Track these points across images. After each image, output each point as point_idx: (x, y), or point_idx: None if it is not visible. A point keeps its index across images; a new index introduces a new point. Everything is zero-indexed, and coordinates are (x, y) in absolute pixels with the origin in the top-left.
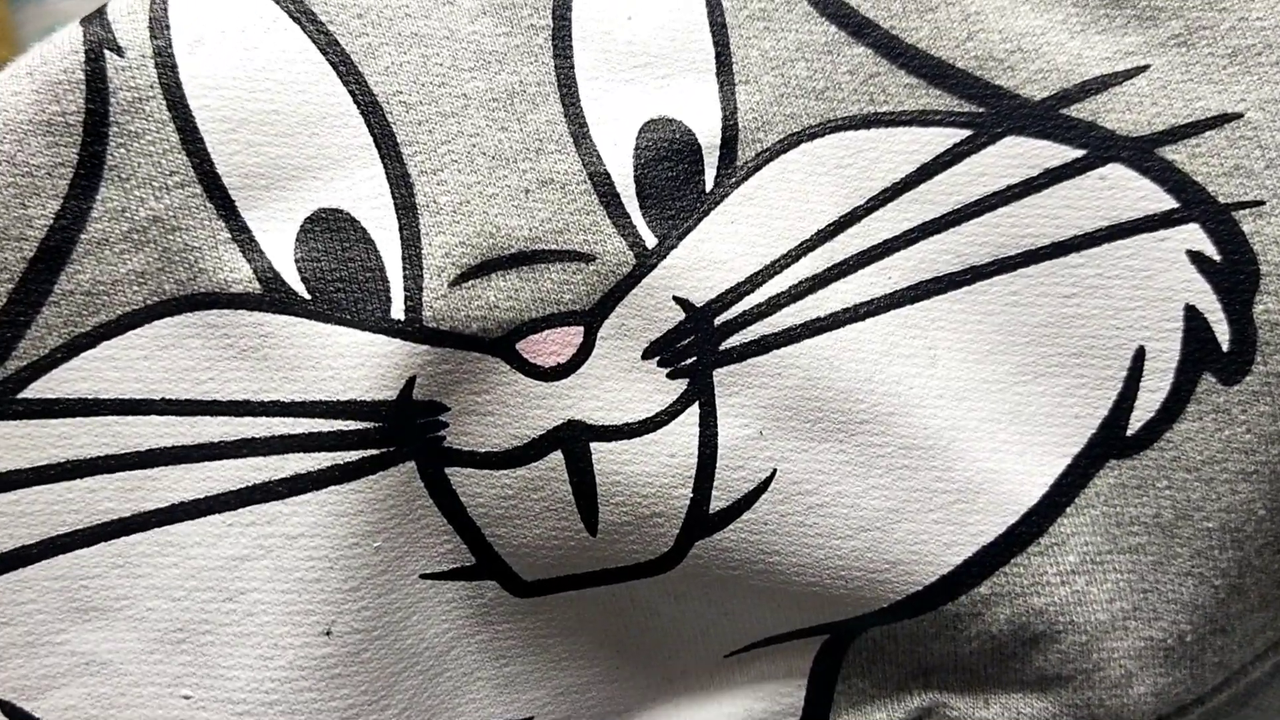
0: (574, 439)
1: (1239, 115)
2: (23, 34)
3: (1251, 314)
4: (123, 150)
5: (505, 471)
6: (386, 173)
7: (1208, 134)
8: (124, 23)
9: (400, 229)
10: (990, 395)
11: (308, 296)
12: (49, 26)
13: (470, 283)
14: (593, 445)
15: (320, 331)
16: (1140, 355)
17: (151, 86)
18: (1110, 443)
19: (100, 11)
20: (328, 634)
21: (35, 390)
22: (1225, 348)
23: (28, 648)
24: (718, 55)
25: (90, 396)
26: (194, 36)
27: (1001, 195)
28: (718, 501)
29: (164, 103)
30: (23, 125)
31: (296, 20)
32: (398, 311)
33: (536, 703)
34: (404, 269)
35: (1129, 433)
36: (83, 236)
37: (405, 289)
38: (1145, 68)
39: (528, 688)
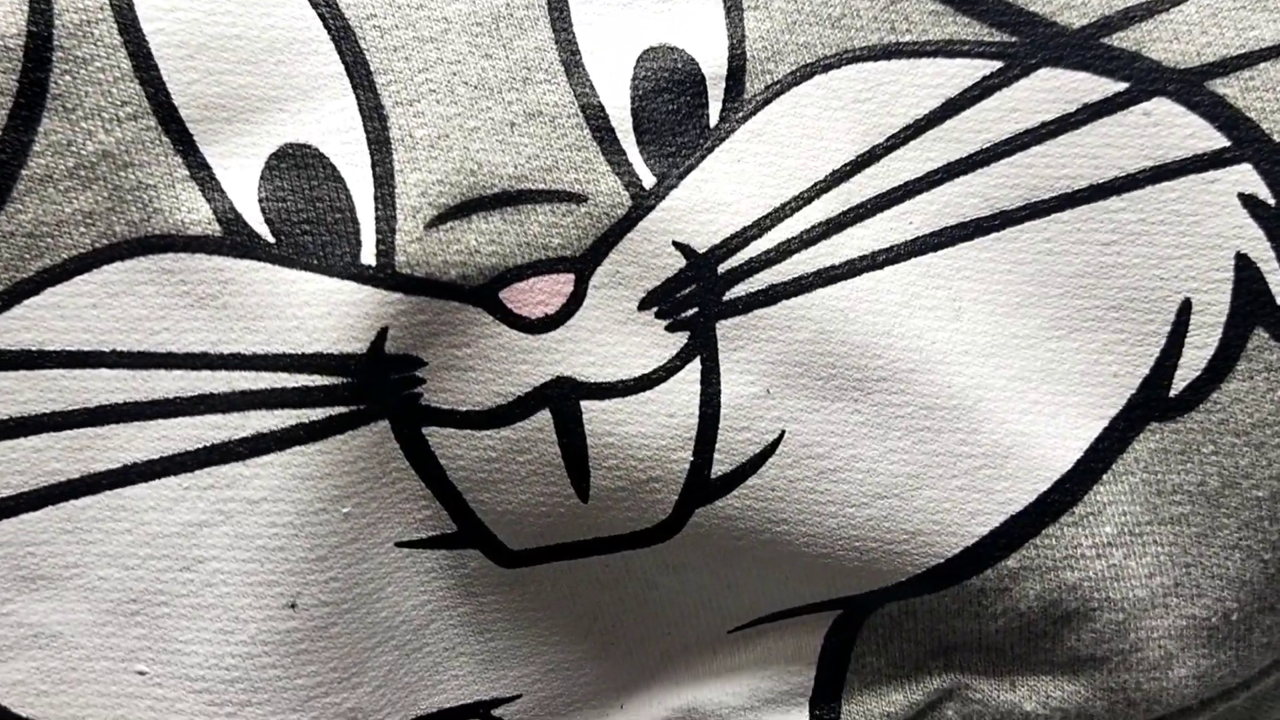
0: (563, 397)
1: None
2: None
3: None
4: (68, 78)
5: (488, 432)
6: (359, 104)
7: (1263, 65)
8: None
9: (373, 166)
10: (1020, 351)
11: (272, 240)
12: None
13: (449, 224)
14: (583, 404)
15: (285, 278)
16: (1186, 308)
17: (101, 8)
18: (1152, 404)
19: None
20: (293, 606)
21: None
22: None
23: None
24: None
25: (34, 348)
26: None
27: (1035, 133)
28: (720, 466)
29: (115, 25)
30: None
31: None
32: (369, 256)
33: (525, 680)
34: (376, 209)
35: (1172, 393)
36: (23, 173)
37: (378, 231)
38: None
39: (515, 664)
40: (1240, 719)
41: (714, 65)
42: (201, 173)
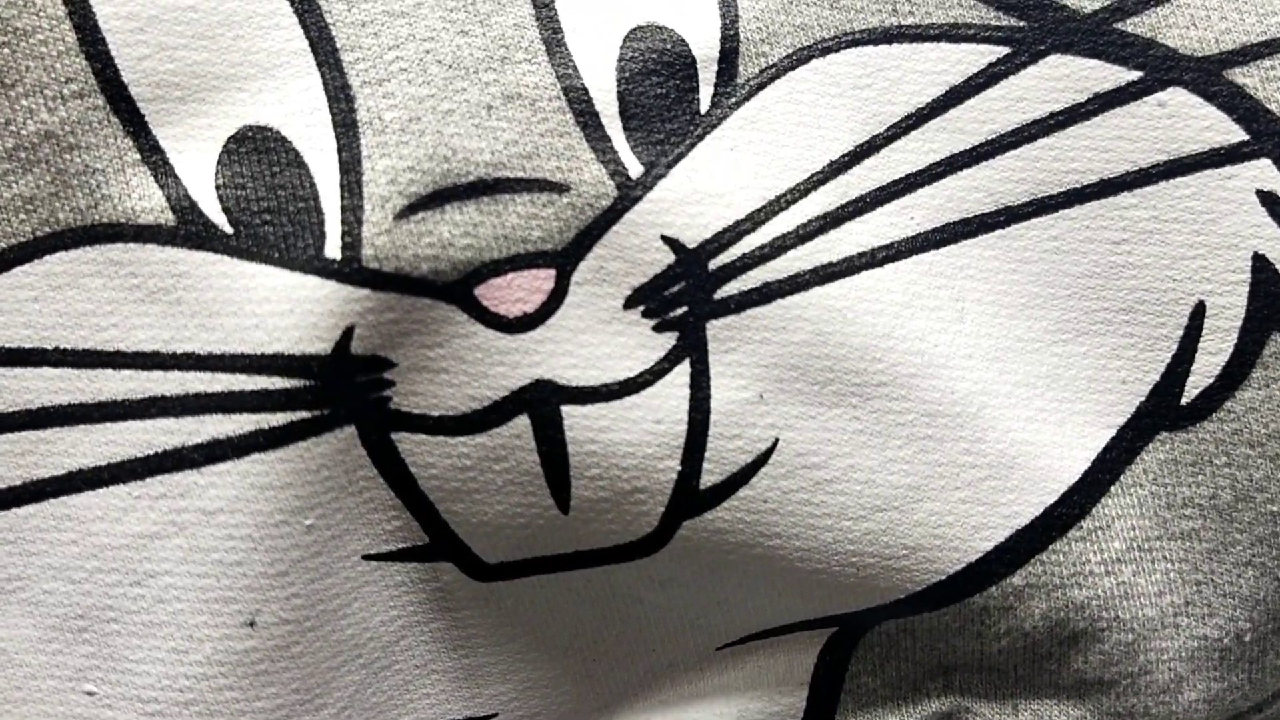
0: (543, 401)
1: None
2: None
3: None
4: (7, 50)
5: (463, 438)
6: (324, 83)
7: None
8: None
9: (339, 150)
10: (1026, 355)
11: (229, 230)
12: None
13: (420, 215)
14: (564, 409)
15: (243, 271)
16: (1200, 311)
17: None
18: (1162, 412)
19: None
20: (251, 625)
21: None
22: None
23: None
24: None
25: None
26: None
27: (1043, 124)
28: (710, 476)
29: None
30: None
31: None
32: (334, 249)
33: (501, 698)
34: (342, 198)
35: (1184, 401)
36: None
37: (343, 222)
38: None
39: (490, 682)
40: None
41: (705, 47)
42: (154, 156)
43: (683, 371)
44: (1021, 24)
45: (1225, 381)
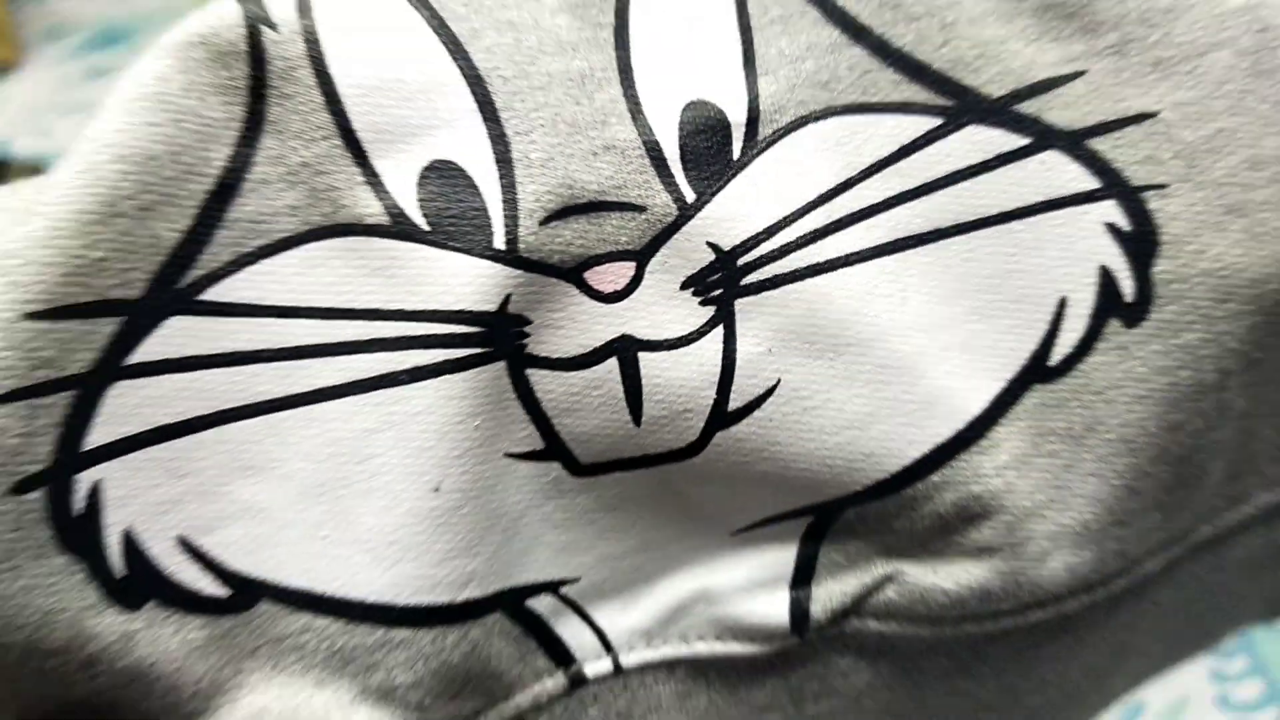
0: (626, 349)
1: (1154, 114)
2: (24, 33)
3: (1150, 274)
4: (279, 108)
5: (572, 373)
6: (488, 133)
7: (1127, 129)
8: (276, 5)
9: (500, 178)
10: (948, 330)
11: (427, 228)
12: (50, 26)
13: (553, 224)
14: (640, 355)
15: (437, 256)
16: (1063, 303)
17: (300, 57)
18: (1036, 371)
19: None
20: (436, 490)
21: (211, 295)
22: (1129, 299)
23: (200, 495)
24: (744, 52)
25: (254, 302)
26: (335, 18)
27: (962, 173)
28: (734, 402)
29: (311, 71)
30: (202, 86)
31: (414, 7)
32: (499, 243)
33: (584, 566)
34: (504, 210)
35: (1050, 364)
36: (248, 176)
37: (505, 226)
38: (1083, 72)
39: (577, 553)
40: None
41: (737, 115)
42: (374, 179)
43: (718, 333)
44: (950, 103)
45: (1079, 350)
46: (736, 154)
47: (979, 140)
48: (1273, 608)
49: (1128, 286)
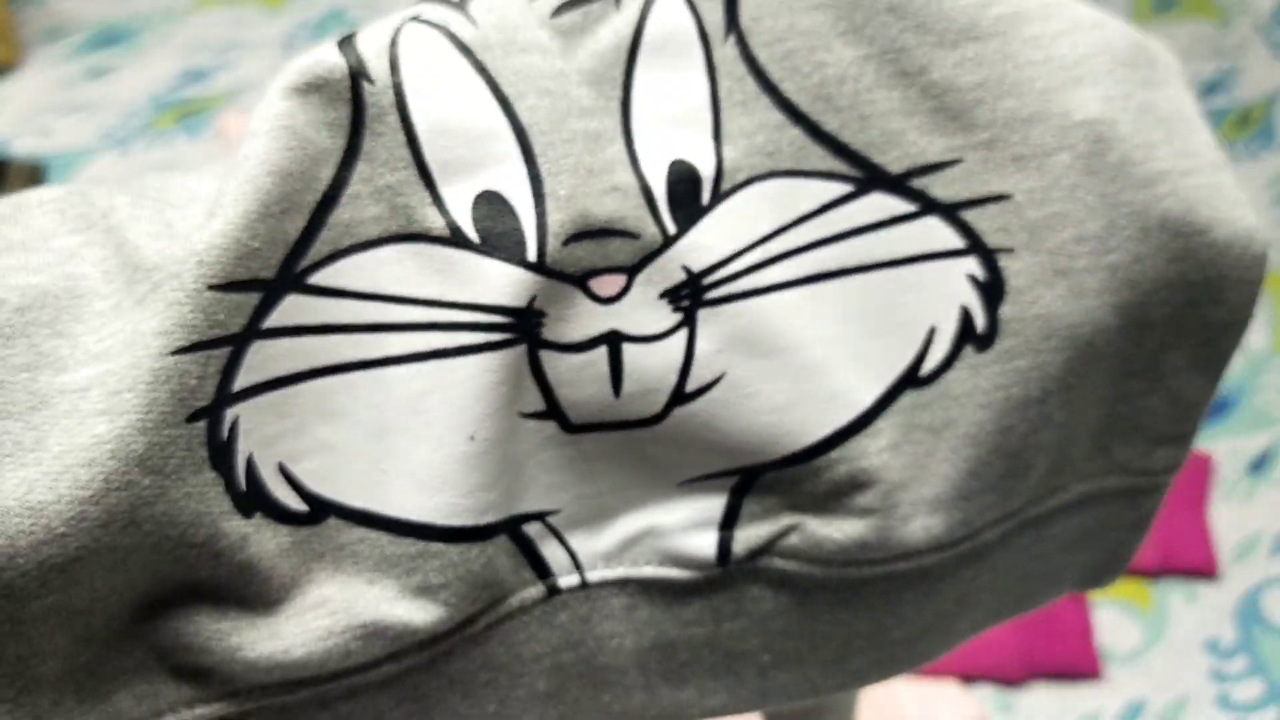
0: (614, 340)
1: (1010, 196)
2: (23, 34)
3: (997, 314)
4: (371, 143)
5: (572, 355)
6: (527, 172)
7: (989, 205)
8: (374, 61)
9: (534, 207)
10: (848, 344)
11: (478, 241)
12: (50, 26)
13: (571, 244)
14: (624, 345)
15: (483, 263)
16: (933, 331)
17: (390, 105)
18: (911, 379)
19: (353, 44)
20: (471, 439)
21: (315, 279)
22: (980, 332)
23: (294, 432)
24: (714, 125)
25: (343, 287)
26: (417, 77)
27: (865, 228)
28: (690, 386)
29: (397, 117)
30: (317, 122)
31: (478, 72)
32: (531, 256)
33: (564, 501)
34: (536, 233)
35: (921, 374)
36: (345, 192)
37: (536, 244)
38: (961, 160)
39: (561, 491)
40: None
41: (707, 172)
42: (439, 201)
43: (683, 334)
44: (861, 174)
45: (941, 367)
46: (705, 200)
47: (880, 205)
48: (1086, 578)
49: (980, 322)
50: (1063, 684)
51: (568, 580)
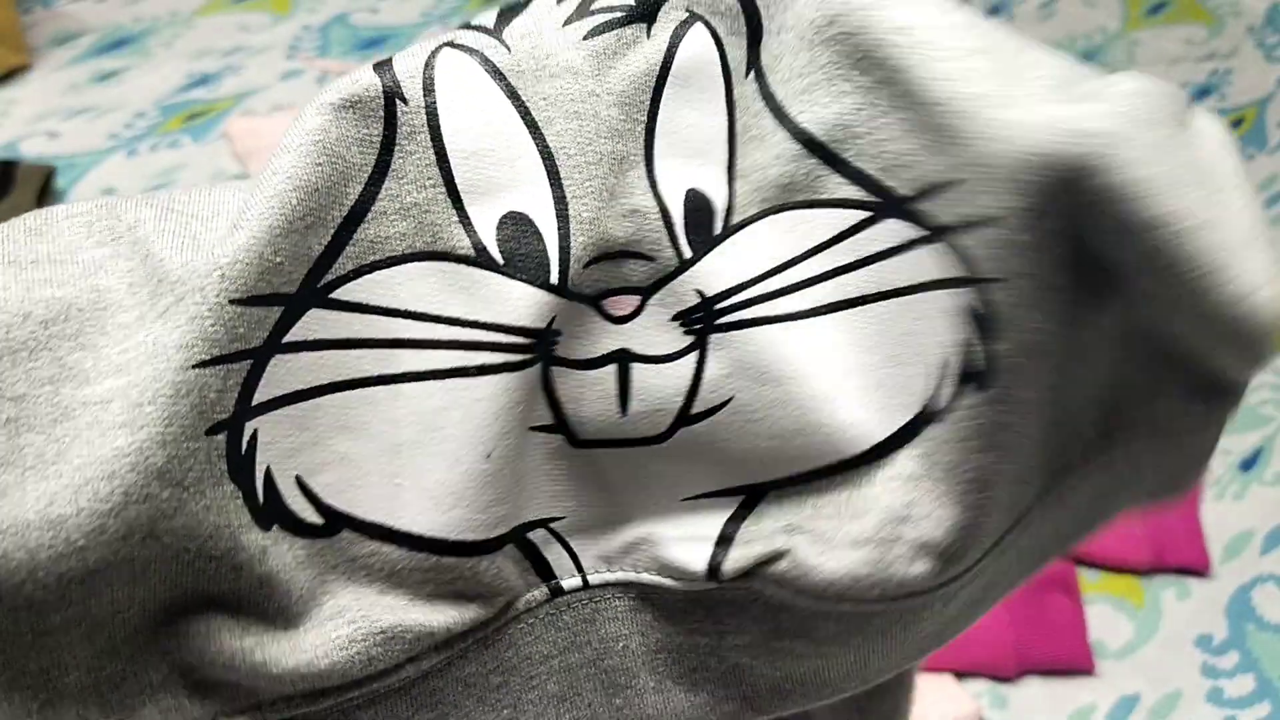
0: (624, 359)
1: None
2: (32, 38)
3: (998, 350)
4: (401, 160)
5: (583, 372)
6: (552, 195)
7: (988, 230)
8: (408, 82)
9: (558, 229)
10: (863, 375)
11: (502, 262)
12: (59, 31)
13: (591, 265)
14: (633, 364)
15: (507, 284)
16: (945, 364)
17: (422, 126)
18: (928, 415)
19: (389, 66)
20: (488, 457)
21: (338, 294)
22: (981, 369)
23: (313, 446)
24: (729, 159)
25: (368, 302)
26: (450, 99)
27: (879, 255)
28: (697, 408)
29: (428, 137)
30: (349, 138)
31: (508, 97)
32: (554, 279)
33: (568, 509)
34: (559, 255)
35: (934, 408)
36: (373, 208)
37: (559, 266)
38: (964, 180)
39: (565, 500)
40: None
41: (720, 203)
42: (466, 221)
43: (693, 357)
44: (877, 200)
45: (954, 397)
46: (718, 230)
47: (892, 230)
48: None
49: (979, 361)
50: (1057, 679)
51: (571, 582)
